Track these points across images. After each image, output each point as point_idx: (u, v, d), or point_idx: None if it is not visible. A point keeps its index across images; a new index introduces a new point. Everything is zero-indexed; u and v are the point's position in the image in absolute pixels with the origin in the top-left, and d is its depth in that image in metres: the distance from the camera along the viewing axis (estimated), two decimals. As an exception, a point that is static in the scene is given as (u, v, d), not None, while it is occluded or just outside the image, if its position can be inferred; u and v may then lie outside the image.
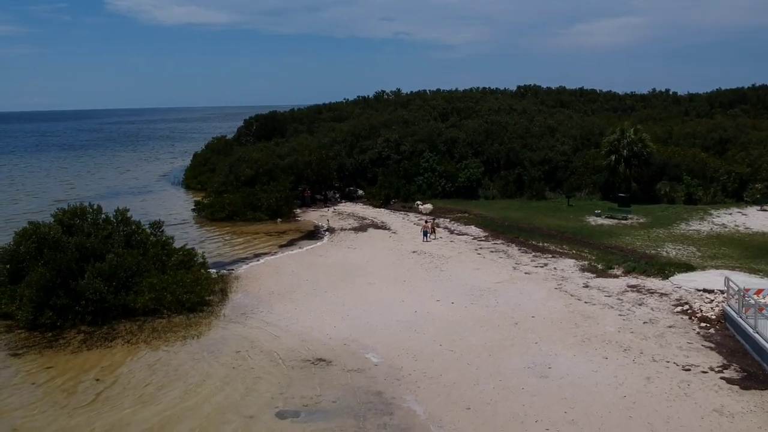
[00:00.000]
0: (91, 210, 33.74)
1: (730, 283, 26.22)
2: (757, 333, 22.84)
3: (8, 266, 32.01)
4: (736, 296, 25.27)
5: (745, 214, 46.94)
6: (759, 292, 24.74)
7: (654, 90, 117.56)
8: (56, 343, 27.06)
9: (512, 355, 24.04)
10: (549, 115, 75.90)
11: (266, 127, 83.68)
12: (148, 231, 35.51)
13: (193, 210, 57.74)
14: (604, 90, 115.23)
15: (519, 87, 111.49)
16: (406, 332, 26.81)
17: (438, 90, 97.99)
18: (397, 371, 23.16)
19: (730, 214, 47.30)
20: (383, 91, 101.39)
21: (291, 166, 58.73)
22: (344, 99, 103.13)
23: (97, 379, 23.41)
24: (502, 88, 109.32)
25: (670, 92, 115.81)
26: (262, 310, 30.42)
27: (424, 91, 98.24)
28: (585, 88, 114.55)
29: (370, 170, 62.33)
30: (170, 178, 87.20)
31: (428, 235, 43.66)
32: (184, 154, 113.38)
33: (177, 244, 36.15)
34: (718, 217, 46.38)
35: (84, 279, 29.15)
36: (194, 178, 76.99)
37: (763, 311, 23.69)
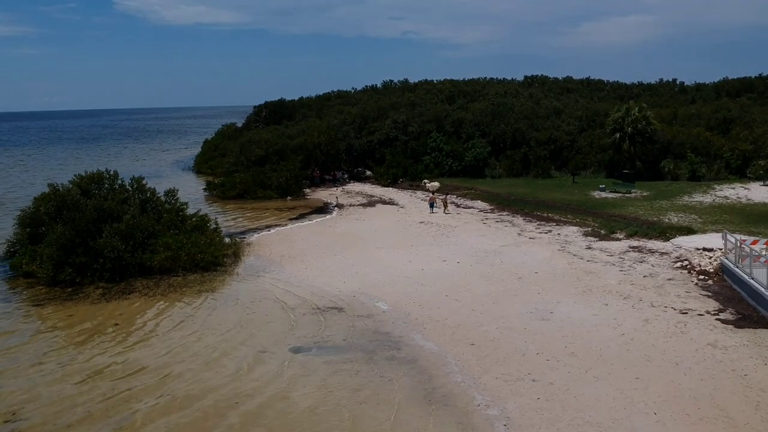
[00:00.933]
0: (108, 176, 34.81)
1: (728, 236, 27.03)
2: (753, 279, 23.64)
3: (28, 229, 33.15)
4: (734, 249, 26.08)
5: (747, 189, 47.60)
6: (755, 242, 25.50)
7: (661, 80, 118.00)
8: (76, 296, 28.15)
9: (515, 303, 24.92)
10: (555, 98, 76.52)
11: (276, 113, 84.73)
12: (163, 199, 36.47)
13: (205, 190, 58.82)
14: (611, 80, 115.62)
15: (526, 77, 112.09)
16: (413, 286, 27.73)
17: (445, 79, 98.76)
18: (404, 316, 24.11)
19: (733, 188, 47.96)
20: (391, 81, 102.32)
21: (300, 147, 59.74)
22: (352, 88, 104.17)
23: (116, 323, 24.51)
24: (509, 78, 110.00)
25: (677, 82, 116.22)
26: (273, 270, 31.43)
27: (432, 80, 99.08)
28: (592, 77, 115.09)
29: (378, 151, 63.30)
30: (181, 165, 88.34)
31: (434, 206, 44.62)
32: (193, 145, 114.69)
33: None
34: (721, 190, 47.08)
35: (102, 238, 30.23)
36: (205, 163, 78.13)
37: (759, 260, 24.45)
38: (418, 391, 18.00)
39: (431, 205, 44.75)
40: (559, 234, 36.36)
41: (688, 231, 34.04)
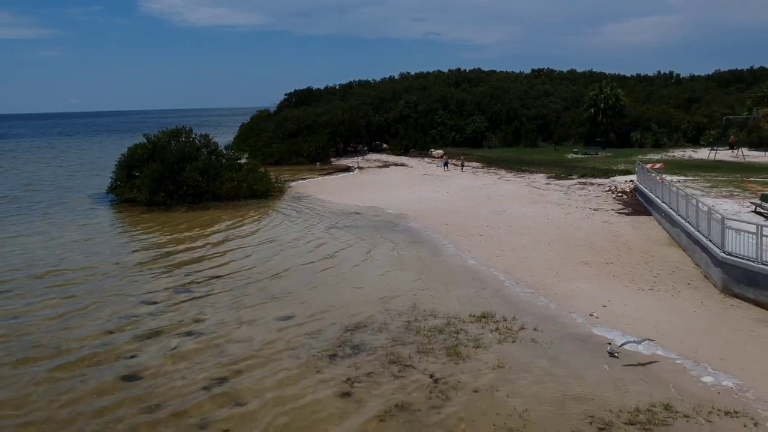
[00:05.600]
0: (184, 131, 45.91)
1: (639, 161, 37.38)
2: (646, 188, 33.98)
3: (125, 171, 44.33)
4: (640, 171, 36.37)
5: (695, 151, 57.58)
6: (653, 165, 35.79)
7: (659, 72, 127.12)
8: (168, 211, 39.17)
9: (482, 209, 35.49)
10: (551, 86, 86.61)
11: (304, 100, 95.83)
12: (224, 151, 47.60)
13: (246, 158, 69.81)
14: (612, 72, 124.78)
15: (533, 70, 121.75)
16: (411, 203, 38.39)
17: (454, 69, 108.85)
18: (403, 215, 34.85)
19: (684, 151, 57.99)
20: (408, 72, 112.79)
21: (327, 123, 70.68)
22: (372, 79, 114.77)
23: (204, 219, 35.53)
24: (517, 71, 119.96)
25: (674, 74, 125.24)
26: (310, 198, 42.37)
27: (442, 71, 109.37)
28: (594, 70, 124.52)
29: (393, 126, 74.09)
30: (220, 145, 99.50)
31: (447, 165, 55.19)
32: (225, 134, 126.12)
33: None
34: (672, 152, 57.15)
35: (185, 173, 41.29)
36: (243, 142, 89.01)
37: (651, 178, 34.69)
38: (408, 240, 28.77)
39: (445, 164, 55.29)
40: (529, 178, 46.83)
41: (627, 172, 44.28)
